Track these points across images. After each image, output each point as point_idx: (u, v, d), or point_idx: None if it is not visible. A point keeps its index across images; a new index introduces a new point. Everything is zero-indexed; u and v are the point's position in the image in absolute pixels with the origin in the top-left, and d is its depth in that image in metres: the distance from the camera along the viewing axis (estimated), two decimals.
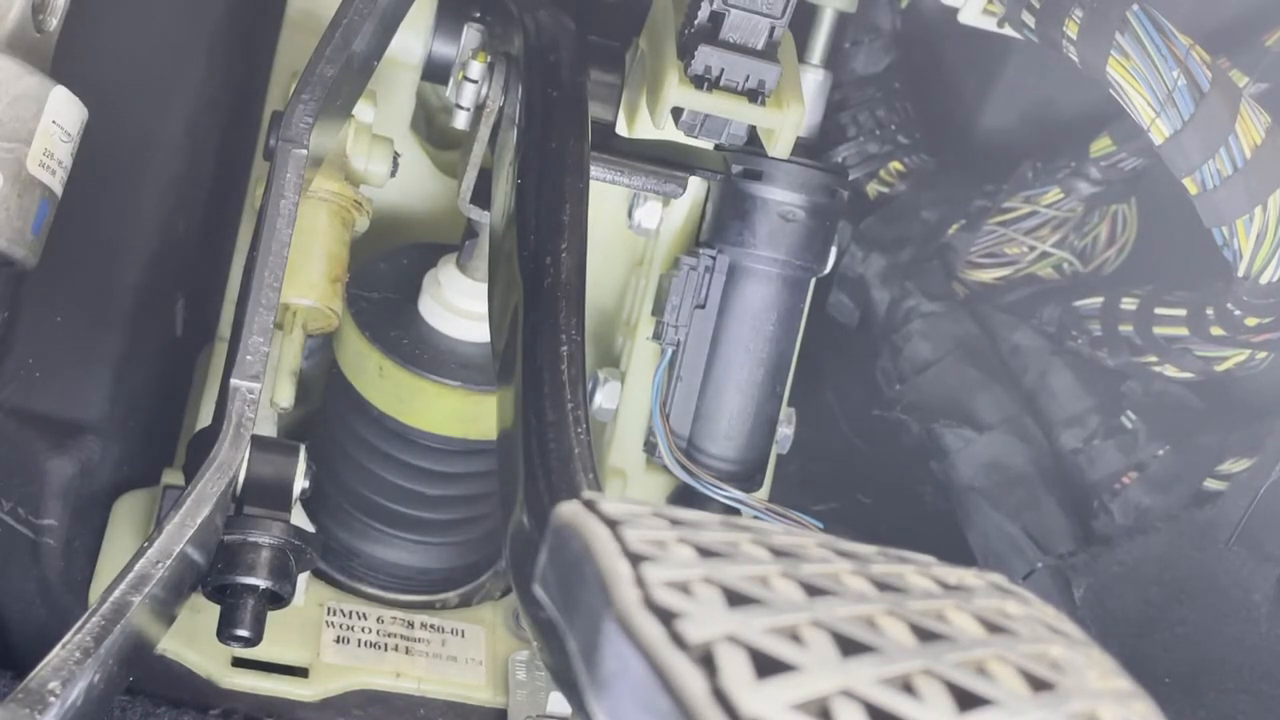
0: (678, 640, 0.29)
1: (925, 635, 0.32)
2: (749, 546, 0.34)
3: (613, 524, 0.33)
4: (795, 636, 0.30)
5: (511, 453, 0.57)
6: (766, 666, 0.29)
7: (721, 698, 0.28)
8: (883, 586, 0.33)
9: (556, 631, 0.35)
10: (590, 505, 0.34)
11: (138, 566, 0.61)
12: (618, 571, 0.31)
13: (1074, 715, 0.31)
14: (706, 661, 0.28)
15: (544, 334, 0.60)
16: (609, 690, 0.30)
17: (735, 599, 0.31)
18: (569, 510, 0.34)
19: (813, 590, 0.32)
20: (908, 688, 0.30)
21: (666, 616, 0.29)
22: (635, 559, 0.31)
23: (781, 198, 0.86)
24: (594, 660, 0.30)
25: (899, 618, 0.32)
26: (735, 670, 0.28)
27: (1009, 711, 0.30)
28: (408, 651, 0.95)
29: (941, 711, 0.29)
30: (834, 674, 0.29)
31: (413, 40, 0.91)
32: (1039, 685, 0.31)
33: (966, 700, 0.30)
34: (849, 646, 0.30)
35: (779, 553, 0.34)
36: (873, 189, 1.04)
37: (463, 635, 0.98)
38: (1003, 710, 0.30)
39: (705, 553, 0.33)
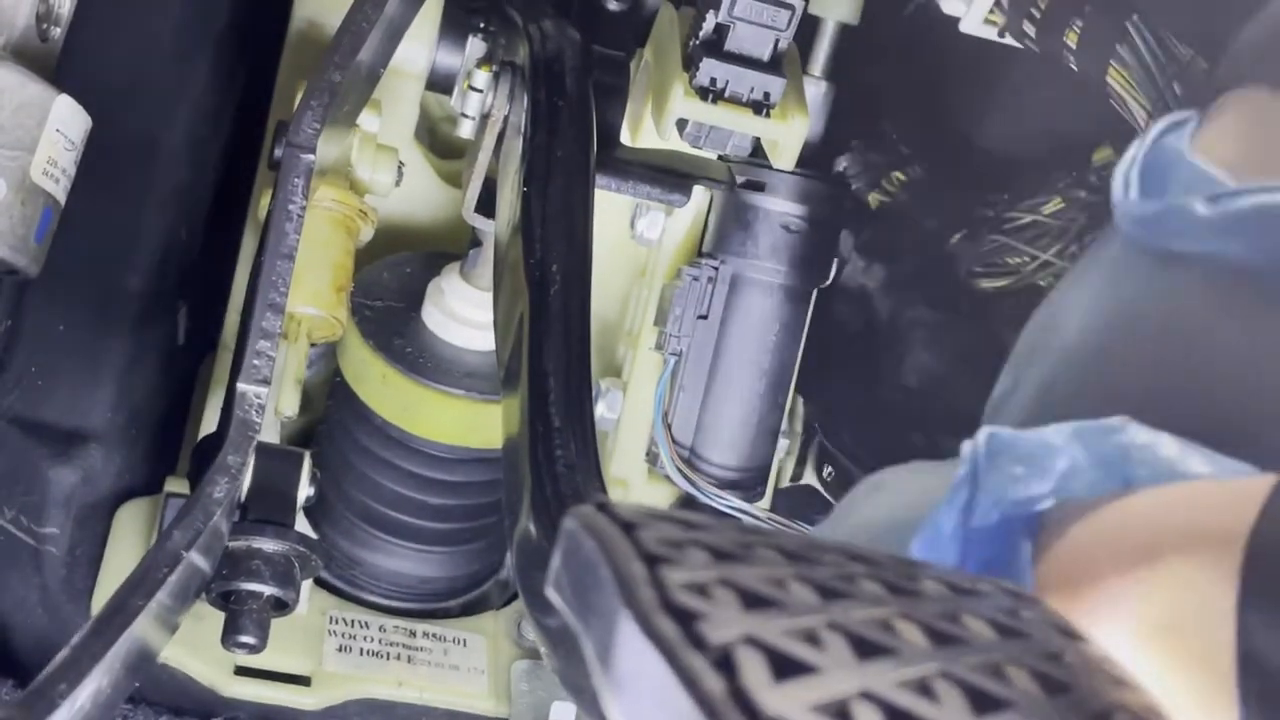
0: (696, 641, 0.29)
1: (940, 638, 0.32)
2: (762, 550, 0.34)
3: (627, 526, 0.33)
4: (812, 638, 0.30)
5: (517, 460, 0.58)
6: (785, 668, 0.29)
7: (741, 698, 0.28)
8: (896, 590, 0.33)
9: (567, 636, 0.35)
10: (603, 508, 0.34)
11: (144, 572, 0.61)
12: (634, 573, 0.31)
13: (1089, 717, 0.31)
14: (725, 662, 0.29)
15: (550, 342, 0.60)
16: (627, 692, 0.30)
17: (752, 601, 0.31)
18: (583, 513, 0.34)
19: (828, 593, 0.32)
20: (925, 690, 0.30)
21: (684, 618, 0.30)
22: (651, 561, 0.31)
23: (784, 209, 0.87)
24: (611, 662, 0.30)
25: (914, 621, 0.32)
26: (754, 671, 0.28)
27: (1024, 714, 0.30)
28: (410, 660, 0.95)
29: (959, 713, 0.29)
30: (852, 676, 0.29)
31: (417, 50, 0.91)
32: (1054, 688, 0.31)
33: (983, 703, 0.30)
34: (866, 649, 0.30)
35: (792, 556, 0.34)
36: (874, 199, 1.04)
37: (465, 644, 0.98)
38: (1018, 712, 0.30)
39: (719, 555, 0.33)
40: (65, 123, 0.73)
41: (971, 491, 0.43)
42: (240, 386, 0.69)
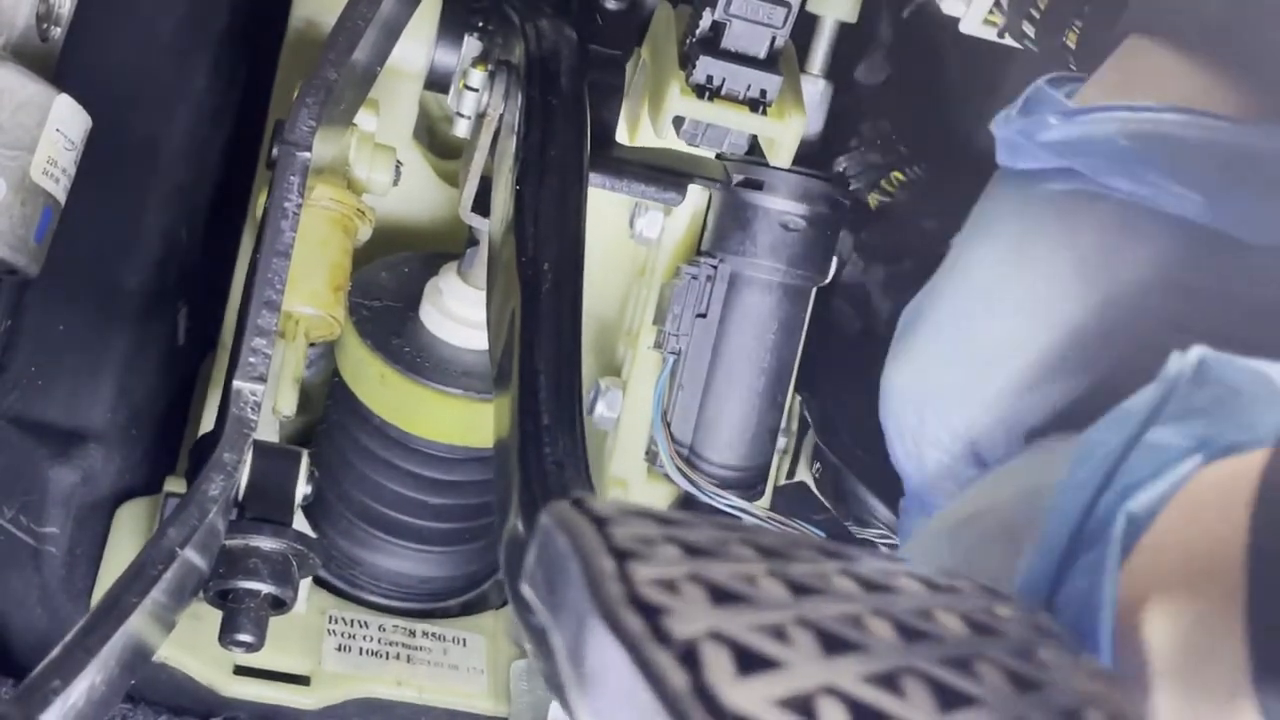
0: (661, 636, 0.29)
1: (911, 634, 0.32)
2: (737, 546, 0.34)
3: (599, 521, 0.33)
4: (780, 633, 0.30)
5: (507, 458, 0.58)
6: (750, 663, 0.29)
7: (704, 694, 0.28)
8: (870, 586, 0.33)
9: (546, 633, 0.35)
10: (578, 504, 0.34)
11: (139, 569, 0.61)
12: (602, 568, 0.31)
13: (1059, 715, 0.31)
14: (690, 658, 0.29)
15: (541, 340, 0.60)
16: (593, 687, 0.30)
17: (720, 596, 0.31)
18: (557, 509, 0.34)
19: (799, 589, 0.32)
20: (892, 685, 0.30)
21: (651, 613, 0.30)
22: (621, 555, 0.31)
23: (783, 207, 0.86)
24: (578, 657, 0.30)
25: (885, 617, 0.32)
26: (718, 666, 0.28)
27: (993, 710, 0.30)
28: (409, 660, 0.95)
29: (925, 709, 0.29)
30: (818, 671, 0.29)
31: (415, 50, 0.91)
32: (1025, 685, 0.31)
33: (951, 699, 0.30)
34: (834, 644, 0.30)
35: (767, 552, 0.34)
36: (874, 199, 1.04)
37: (464, 644, 0.98)
38: (987, 709, 0.30)
39: (692, 551, 0.33)
40: (65, 122, 0.74)
41: (1154, 413, 0.41)
42: (236, 384, 0.69)
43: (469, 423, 0.91)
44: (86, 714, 0.58)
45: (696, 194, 0.89)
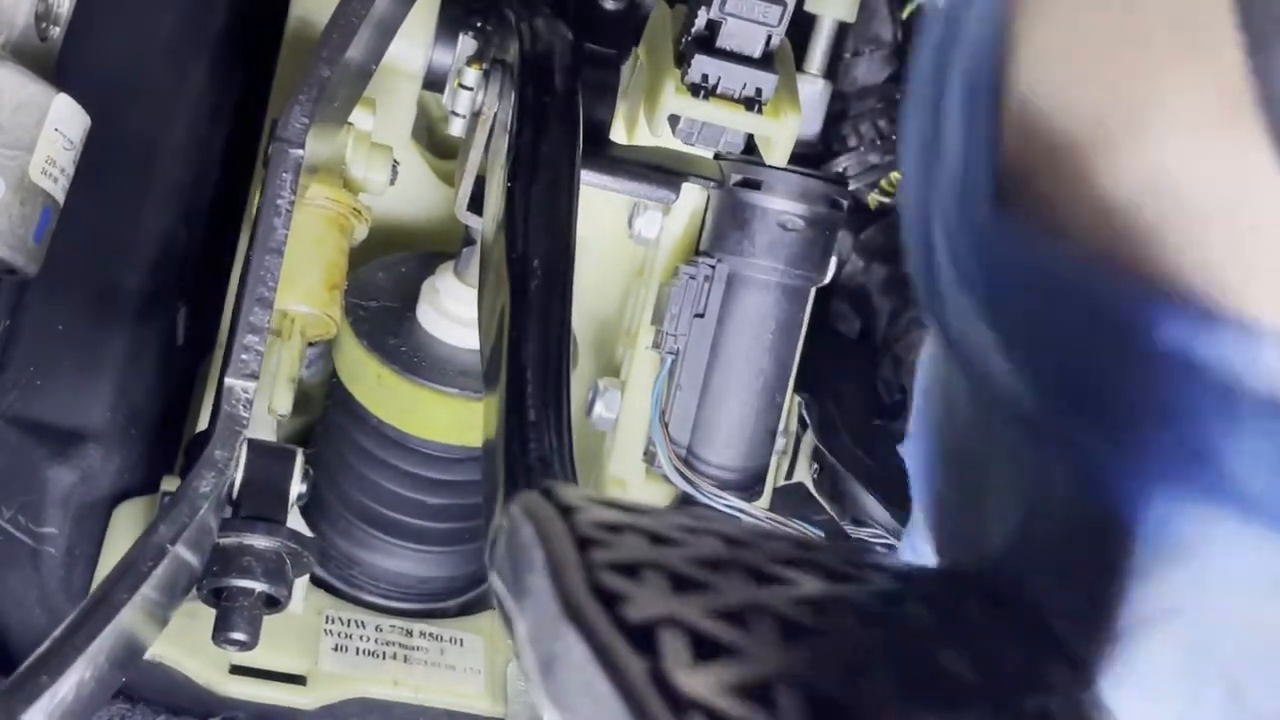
0: (619, 623, 0.29)
1: (874, 622, 0.31)
2: (704, 536, 0.34)
3: (565, 510, 0.33)
4: (739, 620, 0.30)
5: (494, 456, 0.58)
6: (708, 650, 0.29)
7: (660, 681, 0.28)
8: (836, 576, 0.33)
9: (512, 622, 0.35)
10: (547, 493, 0.34)
11: (129, 565, 0.62)
12: (564, 556, 0.31)
13: (1021, 707, 0.31)
14: (647, 644, 0.28)
15: (529, 337, 0.60)
16: (552, 675, 0.30)
17: (681, 583, 0.31)
18: (525, 499, 0.34)
19: (763, 577, 0.32)
20: (852, 673, 0.29)
21: (610, 600, 0.29)
22: (584, 543, 0.31)
23: (781, 207, 0.86)
24: (539, 644, 0.30)
25: (849, 605, 0.32)
26: (675, 653, 0.28)
27: (956, 700, 0.30)
28: (406, 660, 0.95)
29: (885, 697, 0.29)
30: (775, 657, 0.29)
31: (413, 49, 0.91)
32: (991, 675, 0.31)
33: (913, 688, 0.30)
34: (794, 631, 0.30)
35: (733, 542, 0.34)
36: (873, 199, 1.04)
37: (461, 644, 0.98)
38: (949, 699, 0.30)
39: (657, 539, 0.33)
40: (64, 122, 0.74)
41: None
42: (228, 381, 0.69)
43: (466, 422, 0.91)
44: (75, 710, 0.58)
45: (695, 194, 0.89)
